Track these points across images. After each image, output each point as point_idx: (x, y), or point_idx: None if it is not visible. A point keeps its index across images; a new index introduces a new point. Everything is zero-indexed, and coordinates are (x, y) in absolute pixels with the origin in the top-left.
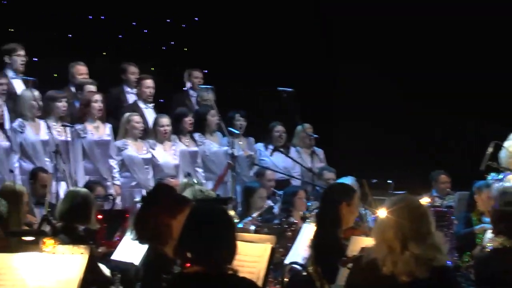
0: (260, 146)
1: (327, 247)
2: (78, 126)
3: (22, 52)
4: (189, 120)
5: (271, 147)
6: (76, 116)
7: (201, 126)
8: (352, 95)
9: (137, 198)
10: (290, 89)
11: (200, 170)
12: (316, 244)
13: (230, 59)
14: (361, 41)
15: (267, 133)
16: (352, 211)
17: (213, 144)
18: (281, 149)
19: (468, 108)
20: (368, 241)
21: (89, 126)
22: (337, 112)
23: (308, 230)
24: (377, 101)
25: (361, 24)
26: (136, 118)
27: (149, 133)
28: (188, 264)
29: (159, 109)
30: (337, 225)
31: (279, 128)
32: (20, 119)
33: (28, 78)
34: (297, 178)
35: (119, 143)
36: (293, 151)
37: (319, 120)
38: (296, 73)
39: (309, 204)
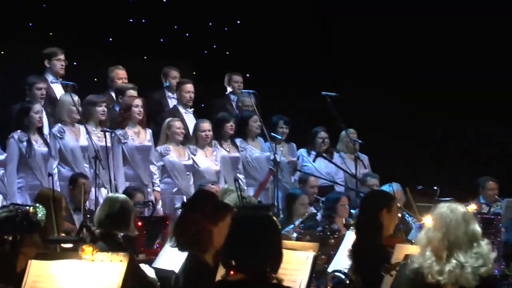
0: (302, 151)
1: (369, 254)
2: (118, 132)
3: (61, 56)
4: (230, 125)
5: (314, 152)
6: (116, 121)
7: (242, 131)
8: None
9: (178, 205)
10: (334, 94)
11: (241, 176)
12: (357, 251)
13: (273, 62)
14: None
15: (309, 139)
16: (392, 218)
17: (255, 150)
18: (324, 155)
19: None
20: (412, 249)
21: (130, 132)
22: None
23: (351, 238)
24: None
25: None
26: (177, 123)
27: (189, 139)
28: (232, 272)
29: (199, 114)
30: (378, 232)
31: (322, 134)
32: (59, 124)
33: (68, 82)
34: (340, 184)
35: (161, 148)
36: (336, 157)
37: (364, 125)
38: (338, 77)
39: (353, 211)
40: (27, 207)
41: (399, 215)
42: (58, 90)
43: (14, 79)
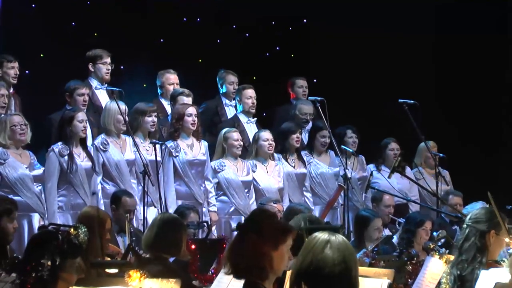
0: (371, 166)
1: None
2: (170, 144)
3: (107, 60)
4: (296, 137)
5: (384, 167)
6: (168, 133)
7: (309, 144)
8: None
9: (235, 226)
10: (412, 101)
11: (308, 194)
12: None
13: (342, 66)
14: None
15: (379, 151)
16: (501, 243)
17: (321, 165)
18: (399, 170)
19: None
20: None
21: (182, 144)
22: None
23: (432, 264)
24: None
25: None
26: (235, 135)
27: (249, 151)
28: None
29: (261, 124)
30: (482, 256)
31: (393, 145)
32: (103, 135)
33: (114, 88)
34: (416, 203)
35: (215, 163)
36: (408, 172)
37: (445, 137)
38: (418, 84)
39: (434, 234)
40: (68, 228)
41: None
42: (103, 97)
43: (54, 85)
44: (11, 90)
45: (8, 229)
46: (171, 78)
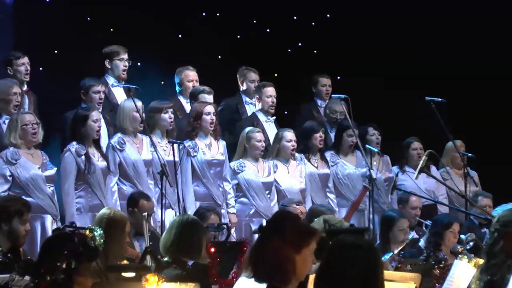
0: (394, 167)
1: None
2: (188, 143)
3: (125, 56)
4: (319, 136)
5: (408, 168)
6: (186, 131)
7: (335, 144)
8: None
9: (256, 228)
10: (440, 99)
11: (332, 196)
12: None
13: (366, 62)
14: None
15: (401, 151)
16: None
17: (347, 165)
18: (426, 170)
19: None
20: None
21: (201, 143)
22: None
23: (461, 268)
24: None
25: None
26: (258, 135)
27: (269, 152)
28: None
29: (282, 123)
30: None
31: (416, 144)
32: (119, 134)
33: (130, 86)
34: (444, 204)
35: (234, 164)
36: (434, 171)
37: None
38: (447, 80)
39: (463, 236)
40: (84, 230)
41: None
42: (119, 95)
43: (69, 82)
44: (25, 88)
45: (19, 231)
46: (190, 75)
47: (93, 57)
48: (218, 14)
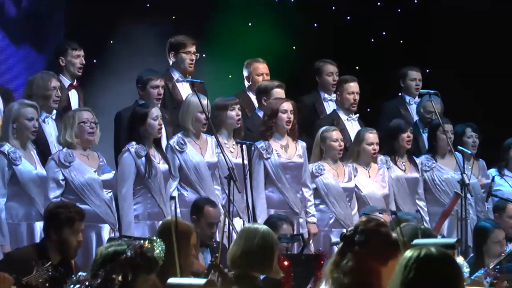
0: (492, 171)
1: None
2: (260, 144)
3: (192, 48)
4: (407, 136)
5: (507, 172)
6: (258, 131)
7: (429, 146)
8: None
9: (335, 239)
10: None
11: (421, 203)
12: None
13: (459, 54)
14: None
15: (500, 153)
16: None
17: (445, 169)
18: None
19: None
20: None
21: (275, 145)
22: None
23: None
24: None
25: None
26: (334, 134)
27: (348, 154)
28: None
29: (365, 121)
30: None
31: None
32: (180, 135)
33: (194, 80)
34: None
35: (312, 167)
36: None
37: None
38: None
39: None
40: (142, 241)
41: None
42: (185, 91)
43: (125, 76)
44: (75, 82)
45: (70, 242)
46: (260, 68)
47: (154, 48)
48: (292, 1)
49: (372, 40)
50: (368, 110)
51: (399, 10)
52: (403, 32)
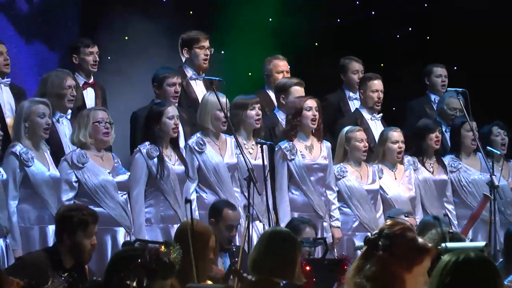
0: None
1: None
2: (284, 145)
3: (206, 43)
4: (435, 136)
5: None
6: (280, 131)
7: (453, 145)
8: None
9: (358, 243)
10: None
11: (450, 206)
12: None
13: (488, 50)
14: None
15: None
16: None
17: (472, 170)
18: None
19: None
20: None
21: (299, 145)
22: None
23: None
24: None
25: None
26: (358, 134)
27: (373, 154)
28: None
29: (388, 121)
30: None
31: None
32: (198, 134)
33: (212, 78)
34: None
35: (334, 168)
36: None
37: None
38: None
39: None
40: (158, 246)
41: None
42: (199, 88)
43: (140, 73)
44: (91, 80)
45: (84, 246)
46: (280, 65)
47: (169, 45)
48: None
49: (397, 36)
50: (393, 109)
51: (425, 4)
52: (430, 27)
